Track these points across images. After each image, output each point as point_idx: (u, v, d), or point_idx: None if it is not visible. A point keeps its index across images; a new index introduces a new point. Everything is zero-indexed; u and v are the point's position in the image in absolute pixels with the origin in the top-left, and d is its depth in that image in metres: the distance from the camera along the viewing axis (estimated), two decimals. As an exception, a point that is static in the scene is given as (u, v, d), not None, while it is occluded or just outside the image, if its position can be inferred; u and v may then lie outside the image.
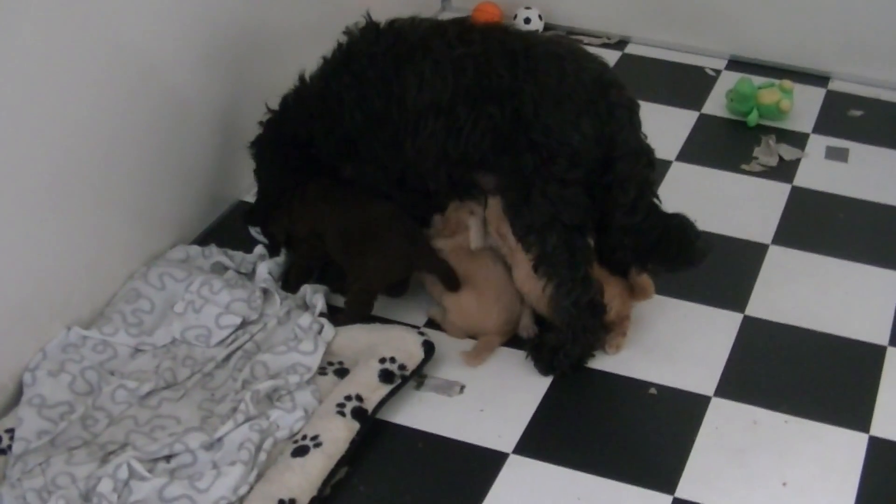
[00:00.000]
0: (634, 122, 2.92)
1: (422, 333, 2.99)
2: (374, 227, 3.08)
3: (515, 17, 4.49)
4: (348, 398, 2.79)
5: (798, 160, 3.88)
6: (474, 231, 3.10)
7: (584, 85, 2.86)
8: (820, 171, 3.84)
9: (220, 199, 3.53)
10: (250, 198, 3.49)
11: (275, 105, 3.25)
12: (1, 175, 2.68)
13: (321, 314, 3.04)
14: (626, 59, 4.36)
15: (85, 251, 3.00)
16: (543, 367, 2.98)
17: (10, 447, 2.70)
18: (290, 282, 3.19)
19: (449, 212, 3.15)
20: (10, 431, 2.73)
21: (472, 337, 3.07)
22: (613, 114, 2.87)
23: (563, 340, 2.96)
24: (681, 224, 2.96)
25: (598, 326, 2.98)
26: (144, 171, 3.16)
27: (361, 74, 3.02)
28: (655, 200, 2.97)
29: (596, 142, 2.83)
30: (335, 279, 3.19)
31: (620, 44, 4.50)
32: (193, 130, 3.34)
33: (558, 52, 2.91)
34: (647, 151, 2.94)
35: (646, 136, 2.94)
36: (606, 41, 4.49)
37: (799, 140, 3.97)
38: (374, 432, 2.80)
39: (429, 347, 2.96)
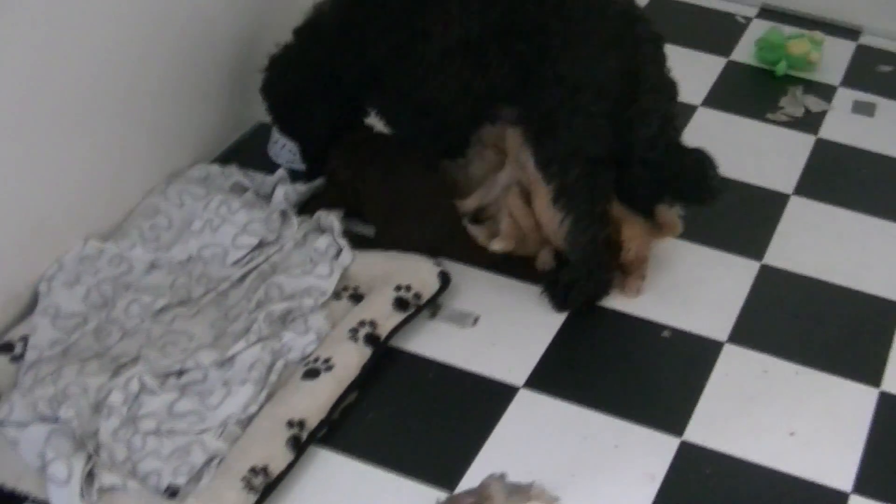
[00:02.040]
0: (659, 57, 2.91)
1: (438, 263, 2.98)
2: (418, 203, 3.11)
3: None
4: (361, 324, 2.79)
5: (824, 112, 3.85)
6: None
7: (611, 19, 2.85)
8: (845, 124, 3.81)
9: (242, 120, 3.52)
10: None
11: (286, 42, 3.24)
12: (26, 89, 2.68)
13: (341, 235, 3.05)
14: (657, 3, 4.33)
15: (106, 165, 3.00)
16: (557, 303, 2.98)
17: (23, 355, 2.71)
18: (308, 208, 3.18)
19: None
20: (24, 339, 2.74)
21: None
22: (639, 48, 2.86)
23: (578, 277, 2.96)
24: (699, 160, 2.95)
25: (613, 264, 2.98)
26: (168, 89, 3.15)
27: (385, 5, 3.00)
28: (675, 135, 2.96)
29: (621, 75, 2.83)
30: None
31: (651, -13, 4.48)
32: (218, 51, 3.33)
33: None
34: (671, 86, 2.94)
35: (670, 70, 2.93)
36: (637, -17, 4.46)
37: (826, 92, 3.95)
38: (385, 359, 2.80)
39: (444, 278, 2.96)
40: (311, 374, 2.67)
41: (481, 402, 2.75)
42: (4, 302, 2.78)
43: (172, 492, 2.44)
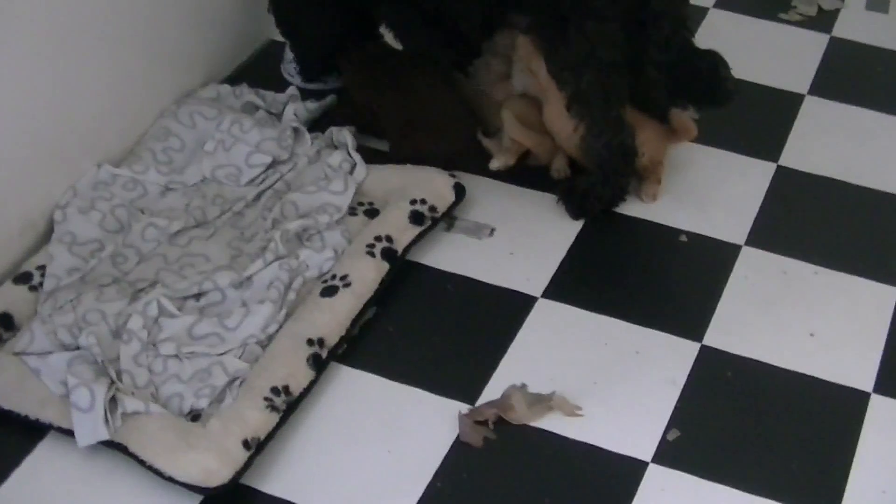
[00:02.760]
0: None
1: (453, 175, 2.97)
2: (434, 117, 3.09)
3: None
4: (378, 239, 2.78)
5: (838, 10, 3.82)
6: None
7: None
8: (860, 22, 3.78)
9: (251, 38, 3.50)
10: (281, 38, 3.44)
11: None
12: (34, 15, 2.66)
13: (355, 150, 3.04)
14: None
15: (116, 89, 2.98)
16: (574, 210, 2.97)
17: (41, 284, 2.71)
18: (320, 126, 3.17)
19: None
20: (42, 268, 2.74)
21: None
22: None
23: (593, 183, 2.95)
24: (712, 62, 2.92)
25: (629, 169, 2.96)
26: (175, 9, 3.13)
27: None
28: (688, 37, 2.93)
29: None
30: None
31: None
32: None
33: None
34: None
35: None
36: None
37: (840, -10, 3.92)
38: (403, 273, 2.80)
39: (459, 189, 2.94)
40: (330, 290, 2.67)
41: (500, 313, 2.75)
42: (20, 230, 2.78)
43: (195, 415, 2.45)
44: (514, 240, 2.93)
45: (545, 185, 3.06)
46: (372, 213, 2.92)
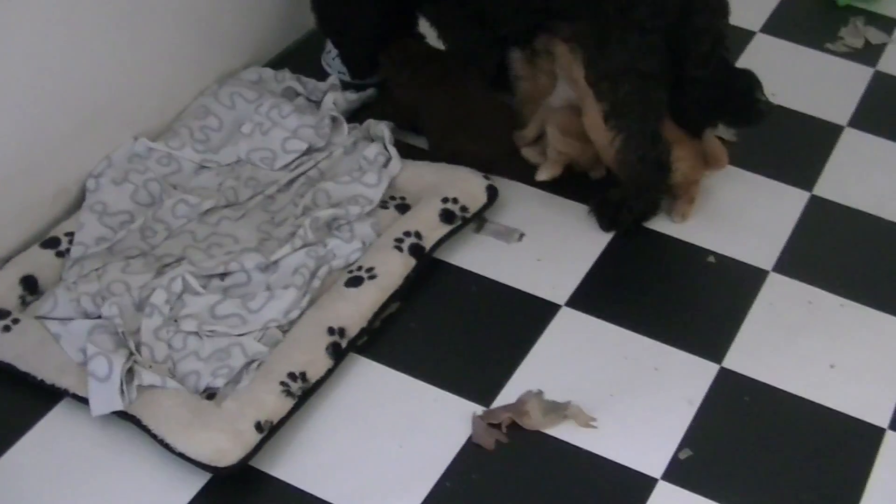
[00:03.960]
0: None
1: (486, 177, 2.97)
2: (478, 120, 3.09)
3: None
4: (407, 234, 2.78)
5: (884, 45, 3.80)
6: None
7: None
8: (905, 58, 3.77)
9: (297, 24, 3.50)
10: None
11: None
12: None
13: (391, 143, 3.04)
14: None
15: (158, 64, 2.99)
16: (605, 222, 2.97)
17: (68, 250, 2.72)
18: (359, 118, 3.17)
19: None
20: (70, 235, 2.75)
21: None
22: None
23: (626, 196, 2.94)
24: (747, 82, 2.92)
25: (663, 185, 2.96)
26: (224, -10, 3.15)
27: None
28: (726, 54, 2.92)
29: None
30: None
31: None
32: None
33: None
34: (724, 5, 2.88)
35: None
36: None
37: (888, 25, 3.89)
38: (429, 271, 2.80)
39: (492, 192, 2.94)
40: (355, 281, 2.67)
41: (523, 318, 2.75)
42: (53, 195, 2.80)
43: (210, 394, 2.46)
44: (543, 246, 2.93)
45: (578, 194, 3.06)
46: (403, 207, 2.92)
